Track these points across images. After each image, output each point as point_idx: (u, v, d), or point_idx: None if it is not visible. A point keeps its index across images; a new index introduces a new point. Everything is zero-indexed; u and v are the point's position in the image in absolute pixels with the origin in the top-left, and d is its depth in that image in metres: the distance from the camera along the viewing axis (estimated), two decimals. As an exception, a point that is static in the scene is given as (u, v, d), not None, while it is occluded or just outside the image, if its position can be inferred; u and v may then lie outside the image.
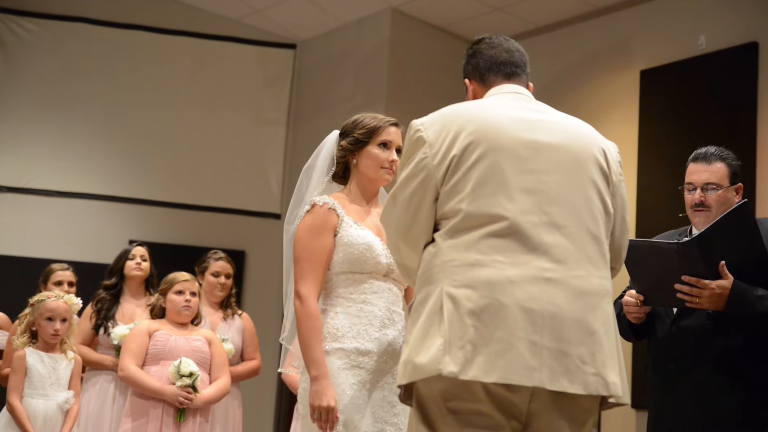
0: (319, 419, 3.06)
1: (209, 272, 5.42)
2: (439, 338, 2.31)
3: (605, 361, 2.37)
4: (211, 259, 5.46)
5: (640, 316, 3.45)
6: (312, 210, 3.24)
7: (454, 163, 2.42)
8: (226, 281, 5.43)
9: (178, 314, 4.76)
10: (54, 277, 5.52)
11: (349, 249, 3.20)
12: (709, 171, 3.46)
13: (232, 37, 8.77)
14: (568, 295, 2.36)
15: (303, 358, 3.15)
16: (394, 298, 3.26)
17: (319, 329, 3.13)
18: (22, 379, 4.54)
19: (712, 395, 3.27)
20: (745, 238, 3.22)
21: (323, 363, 3.09)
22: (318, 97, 8.71)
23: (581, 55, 7.63)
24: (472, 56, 2.74)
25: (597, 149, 2.54)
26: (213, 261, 5.45)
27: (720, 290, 3.17)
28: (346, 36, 8.53)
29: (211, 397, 4.68)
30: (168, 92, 8.58)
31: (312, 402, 3.07)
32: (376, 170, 3.31)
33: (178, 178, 8.55)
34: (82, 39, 8.41)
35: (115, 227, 8.24)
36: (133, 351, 4.63)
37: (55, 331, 4.63)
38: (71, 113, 8.32)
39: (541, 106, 2.60)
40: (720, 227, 3.18)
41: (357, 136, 3.32)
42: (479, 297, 2.31)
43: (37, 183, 8.16)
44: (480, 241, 2.36)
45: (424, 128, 2.50)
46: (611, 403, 2.45)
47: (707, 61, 6.75)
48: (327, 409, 3.04)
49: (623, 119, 7.16)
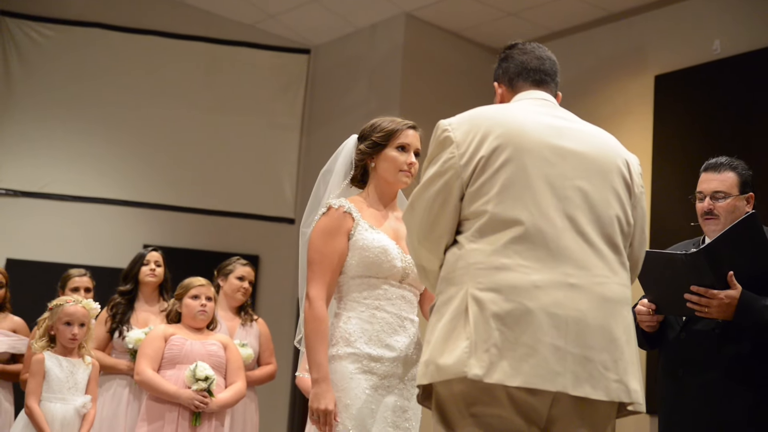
0: (318, 422, 3.08)
1: (234, 275, 5.43)
2: (465, 340, 2.31)
3: (627, 368, 2.38)
4: (237, 263, 5.48)
5: (652, 325, 3.48)
6: (327, 213, 3.25)
7: (481, 165, 2.43)
8: (249, 287, 5.46)
9: (194, 319, 4.78)
10: (71, 283, 5.54)
11: (364, 253, 3.20)
12: (718, 180, 3.49)
13: (246, 42, 8.80)
14: (591, 302, 2.37)
15: (307, 360, 3.17)
16: (408, 305, 3.27)
17: (325, 332, 3.14)
18: (41, 382, 4.56)
19: (720, 400, 3.29)
20: (753, 248, 3.25)
21: (325, 366, 3.10)
22: (332, 102, 8.72)
23: (595, 61, 7.63)
24: (504, 60, 2.74)
25: (621, 160, 2.55)
26: (239, 266, 5.47)
27: (728, 300, 3.21)
28: (361, 41, 8.55)
29: (227, 401, 4.69)
30: (182, 97, 8.62)
31: (311, 404, 3.09)
32: (395, 173, 3.32)
33: (192, 183, 8.58)
34: (98, 44, 8.46)
35: (129, 231, 8.27)
36: (149, 355, 4.65)
37: (73, 336, 4.65)
38: (87, 118, 8.37)
39: (567, 114, 2.61)
40: (727, 238, 3.21)
41: (375, 139, 3.33)
42: (504, 301, 2.32)
43: (53, 187, 8.20)
44: (505, 245, 2.37)
45: (452, 128, 2.50)
46: (628, 411, 2.46)
47: (722, 66, 6.74)
48: (325, 412, 3.05)
49: (637, 125, 7.15)
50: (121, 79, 8.46)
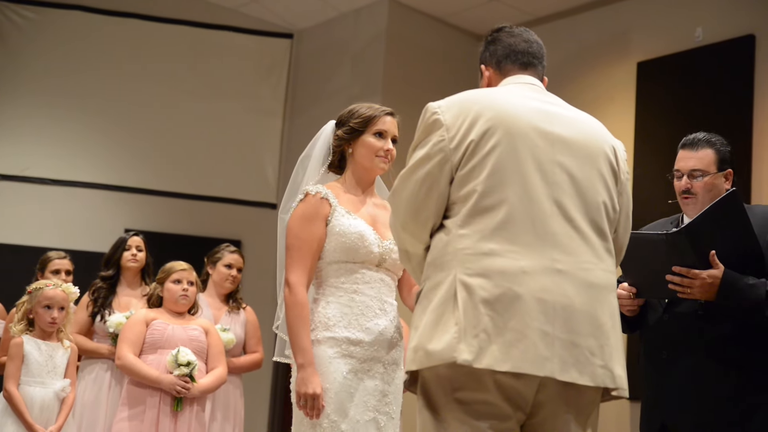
0: (305, 406, 3.08)
1: (222, 263, 5.42)
2: (453, 326, 2.30)
3: (612, 353, 2.40)
4: (226, 251, 5.47)
5: (633, 309, 3.47)
6: (305, 199, 3.27)
7: (471, 149, 2.42)
8: (237, 275, 5.45)
9: (176, 303, 4.77)
10: (51, 266, 5.52)
11: (340, 238, 3.22)
12: (696, 158, 3.47)
13: (229, 26, 8.75)
14: (577, 287, 2.37)
15: (290, 346, 3.17)
16: (386, 288, 3.28)
17: (307, 317, 3.15)
18: (19, 366, 4.54)
19: (704, 382, 3.29)
20: (735, 227, 3.23)
21: (309, 351, 3.11)
22: (315, 86, 8.70)
23: (578, 47, 7.63)
24: (491, 43, 2.73)
25: (608, 147, 2.56)
26: (228, 253, 5.46)
27: (711, 280, 3.19)
28: (344, 26, 8.52)
29: (208, 386, 4.69)
30: (164, 81, 8.57)
31: (298, 389, 3.09)
32: (371, 159, 3.33)
33: (174, 167, 8.54)
34: (79, 27, 8.39)
35: (110, 216, 8.23)
36: (130, 340, 4.64)
37: (52, 320, 4.64)
38: (67, 102, 8.31)
39: (555, 99, 2.61)
40: (709, 216, 3.19)
41: (352, 125, 3.35)
42: (493, 286, 2.31)
43: (33, 171, 8.15)
44: (493, 230, 2.36)
45: (442, 111, 2.48)
46: (612, 396, 2.47)
47: (704, 53, 6.76)
48: (313, 396, 3.06)
49: (620, 111, 7.17)
50: (103, 63, 8.40)
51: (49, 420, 4.56)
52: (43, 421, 4.53)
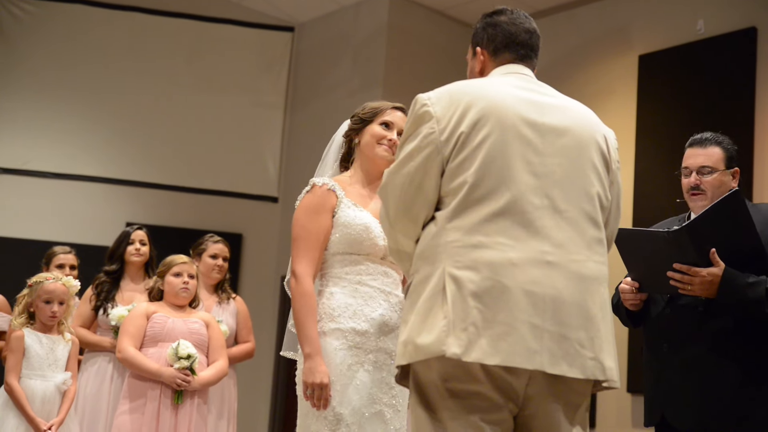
0: (312, 396, 3.07)
1: (207, 254, 5.42)
2: (442, 319, 2.29)
3: (602, 345, 2.38)
4: (209, 241, 5.46)
5: (636, 303, 3.49)
6: (312, 190, 3.27)
7: (461, 141, 2.39)
8: (223, 264, 5.44)
9: (176, 296, 4.77)
10: (56, 260, 5.53)
11: (346, 230, 3.22)
12: (705, 155, 3.49)
13: (230, 19, 8.75)
14: (567, 279, 2.35)
15: (297, 336, 3.16)
16: (390, 281, 3.27)
17: (314, 307, 3.14)
18: (20, 359, 4.55)
19: (704, 375, 3.30)
20: (736, 226, 3.25)
21: (316, 341, 3.10)
22: (316, 80, 8.69)
23: (580, 40, 7.62)
24: (490, 26, 2.68)
25: (599, 135, 2.54)
26: (211, 243, 5.45)
27: (711, 277, 3.21)
28: (345, 19, 8.51)
29: (209, 379, 4.69)
30: (165, 74, 8.57)
31: (305, 379, 3.07)
32: (374, 146, 3.33)
33: (175, 161, 8.54)
34: (80, 20, 8.39)
35: (112, 209, 8.23)
36: (131, 333, 4.64)
37: (52, 313, 4.64)
38: (69, 95, 8.31)
39: (546, 89, 2.59)
40: (711, 215, 3.21)
41: (362, 116, 3.38)
42: (482, 279, 2.30)
43: (35, 165, 8.15)
44: (483, 222, 2.34)
45: (431, 103, 2.46)
46: (603, 386, 2.45)
47: (706, 46, 6.75)
48: (320, 386, 3.05)
49: (621, 104, 7.16)
50: (103, 56, 8.40)
51: (51, 413, 4.56)
52: (44, 414, 4.54)
